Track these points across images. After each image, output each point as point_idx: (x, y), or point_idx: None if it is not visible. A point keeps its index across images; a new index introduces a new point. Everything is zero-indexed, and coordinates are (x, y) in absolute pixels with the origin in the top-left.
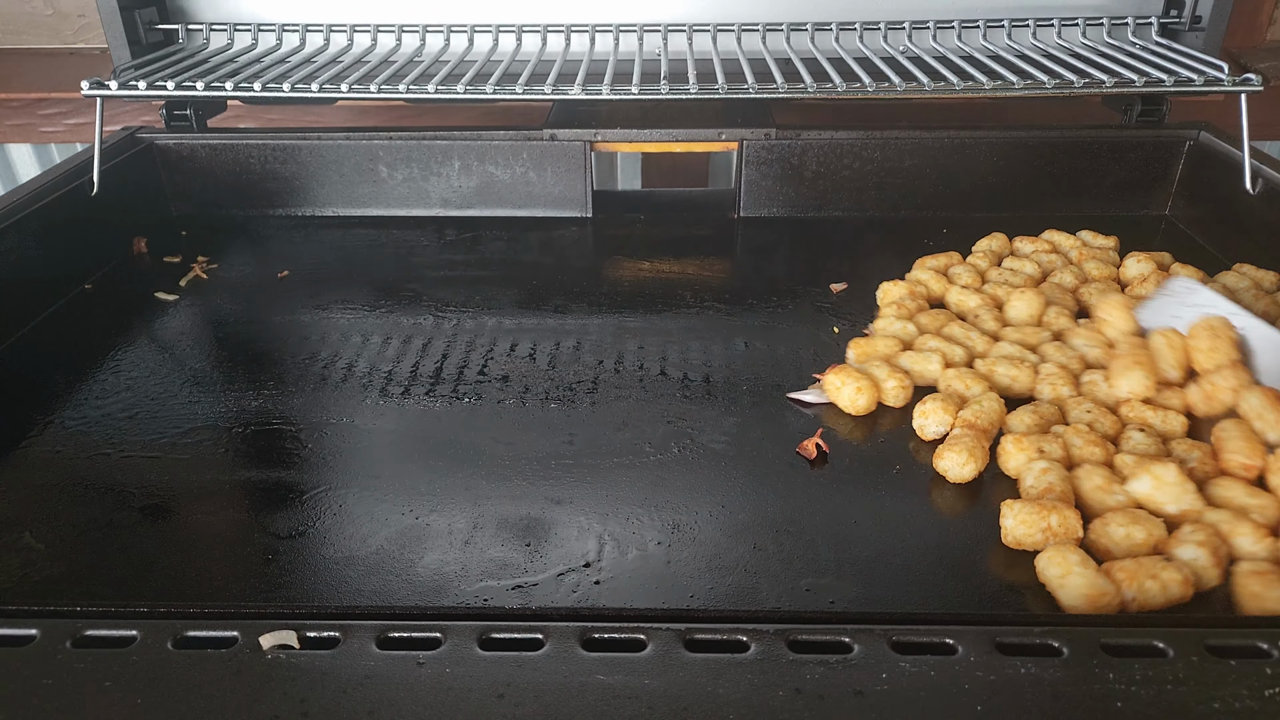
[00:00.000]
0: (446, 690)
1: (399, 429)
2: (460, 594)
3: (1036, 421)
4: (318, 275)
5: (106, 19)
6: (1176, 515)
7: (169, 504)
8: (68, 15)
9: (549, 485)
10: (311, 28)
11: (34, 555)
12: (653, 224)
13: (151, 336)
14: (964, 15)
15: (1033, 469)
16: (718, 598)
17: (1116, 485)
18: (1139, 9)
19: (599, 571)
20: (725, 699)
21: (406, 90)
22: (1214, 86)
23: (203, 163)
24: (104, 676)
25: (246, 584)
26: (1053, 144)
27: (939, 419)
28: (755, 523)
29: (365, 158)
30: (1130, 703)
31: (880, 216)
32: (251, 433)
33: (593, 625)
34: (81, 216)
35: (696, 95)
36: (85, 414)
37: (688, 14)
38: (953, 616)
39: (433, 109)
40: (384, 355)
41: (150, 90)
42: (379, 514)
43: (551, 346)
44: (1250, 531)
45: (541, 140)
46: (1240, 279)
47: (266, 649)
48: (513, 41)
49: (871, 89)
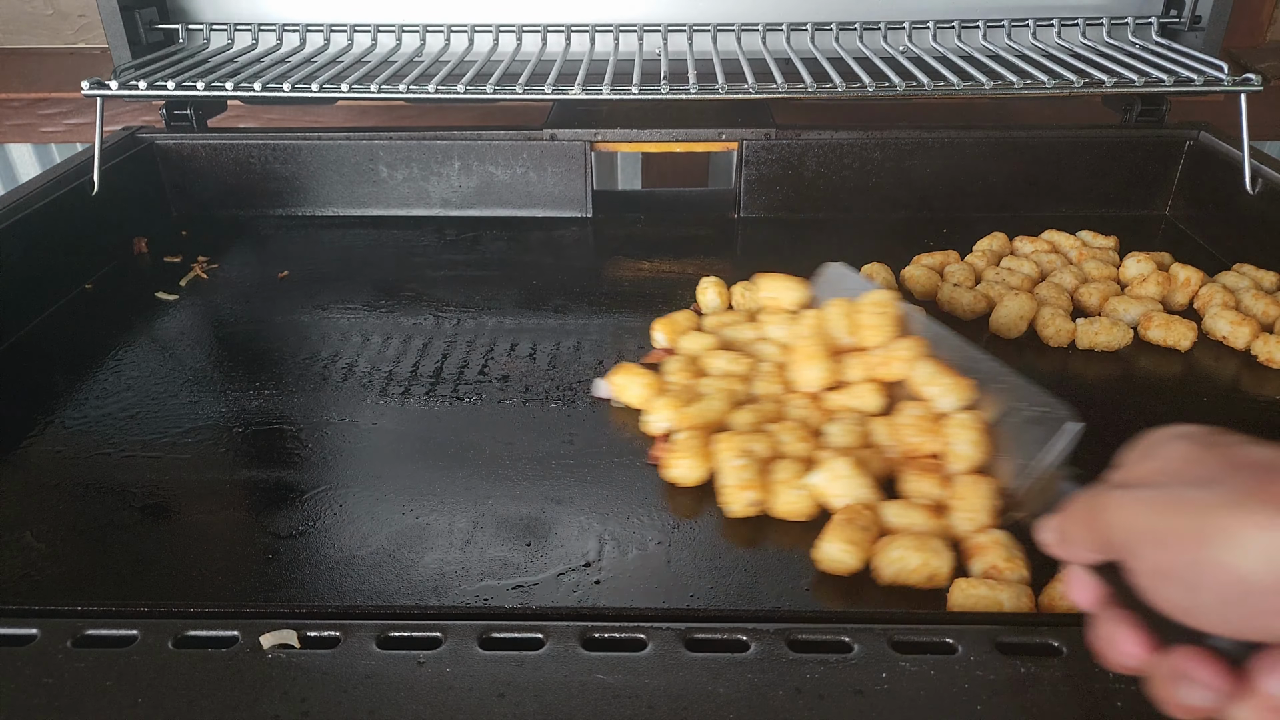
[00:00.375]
0: (447, 690)
1: (399, 429)
2: (460, 594)
3: (753, 419)
4: (318, 275)
5: (106, 19)
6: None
7: (169, 504)
8: (68, 15)
9: (549, 485)
10: (312, 28)
11: (34, 555)
12: (653, 224)
13: (151, 336)
14: (964, 15)
15: (729, 467)
16: (718, 598)
17: (799, 479)
18: (1139, 9)
19: (599, 571)
20: (725, 699)
21: (406, 90)
22: (1214, 86)
23: (203, 163)
24: (104, 676)
25: (246, 584)
26: (1053, 144)
27: (663, 415)
28: (755, 521)
29: (365, 158)
30: (1130, 702)
31: (880, 217)
32: (251, 432)
33: (593, 625)
34: (81, 216)
35: (696, 95)
36: (85, 414)
37: (688, 14)
38: (952, 616)
39: (433, 109)
40: (384, 355)
41: (150, 90)
42: (379, 514)
43: (552, 346)
44: (920, 518)
45: (541, 140)
46: (1240, 279)
47: (266, 649)
48: (513, 41)
49: (871, 89)
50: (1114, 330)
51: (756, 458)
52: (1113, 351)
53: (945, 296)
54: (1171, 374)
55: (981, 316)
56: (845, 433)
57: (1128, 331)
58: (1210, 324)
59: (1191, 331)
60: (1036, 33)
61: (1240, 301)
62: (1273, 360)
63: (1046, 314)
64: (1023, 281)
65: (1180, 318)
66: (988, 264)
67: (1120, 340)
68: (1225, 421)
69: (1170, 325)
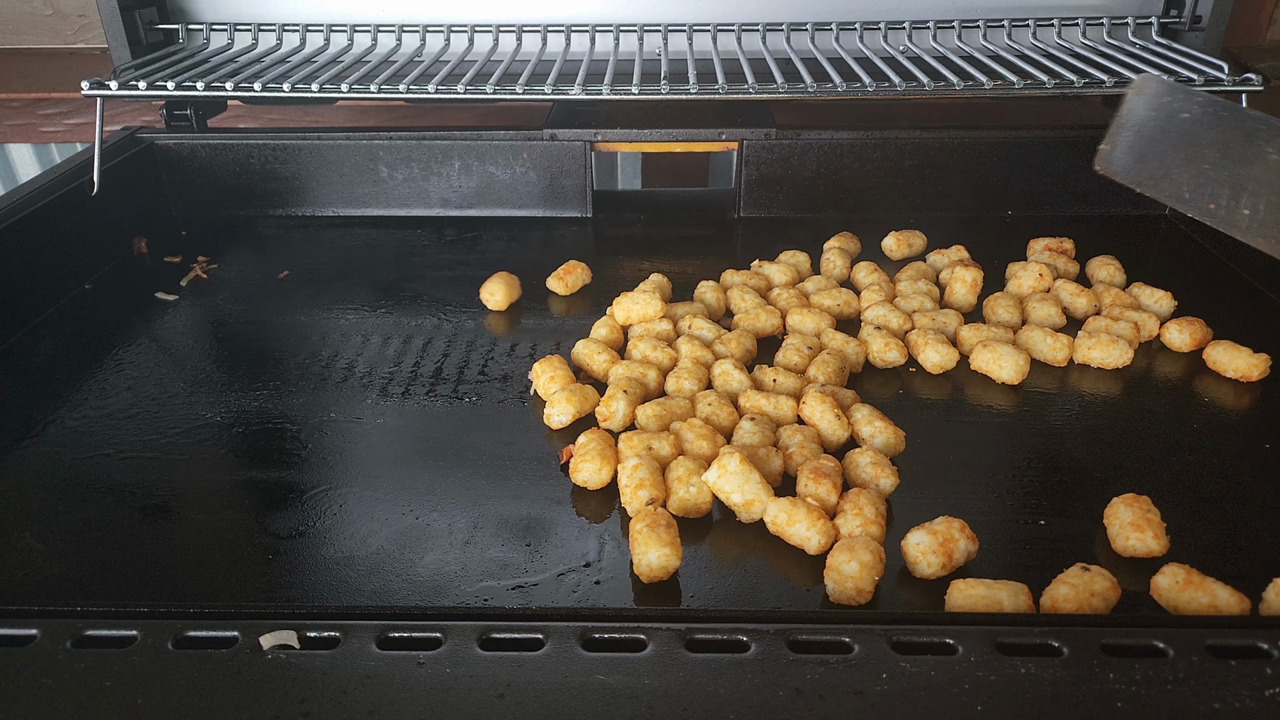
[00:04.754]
0: (447, 690)
1: (399, 429)
2: (460, 594)
3: (658, 415)
4: (318, 275)
5: (106, 19)
6: (740, 504)
7: (169, 504)
8: (68, 15)
9: (549, 485)
10: (312, 28)
11: (34, 555)
12: (653, 224)
13: (151, 336)
14: (964, 15)
15: (626, 467)
16: (718, 598)
17: (695, 477)
18: (1139, 9)
19: (599, 571)
20: (725, 699)
21: (406, 90)
22: (1214, 86)
23: (203, 163)
24: (104, 676)
25: (246, 584)
26: (1053, 144)
27: (563, 409)
28: (756, 523)
29: (365, 158)
30: (1130, 703)
31: (880, 217)
32: (251, 432)
33: (593, 625)
34: (81, 216)
35: (696, 95)
36: (85, 414)
37: (688, 14)
38: (952, 617)
39: (433, 109)
40: (384, 355)
41: (150, 90)
42: (379, 514)
43: (552, 347)
44: (804, 518)
45: (541, 140)
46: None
47: (266, 649)
48: (513, 41)
49: (871, 89)
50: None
51: (656, 456)
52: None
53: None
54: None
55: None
56: (755, 432)
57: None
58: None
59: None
60: (1036, 33)
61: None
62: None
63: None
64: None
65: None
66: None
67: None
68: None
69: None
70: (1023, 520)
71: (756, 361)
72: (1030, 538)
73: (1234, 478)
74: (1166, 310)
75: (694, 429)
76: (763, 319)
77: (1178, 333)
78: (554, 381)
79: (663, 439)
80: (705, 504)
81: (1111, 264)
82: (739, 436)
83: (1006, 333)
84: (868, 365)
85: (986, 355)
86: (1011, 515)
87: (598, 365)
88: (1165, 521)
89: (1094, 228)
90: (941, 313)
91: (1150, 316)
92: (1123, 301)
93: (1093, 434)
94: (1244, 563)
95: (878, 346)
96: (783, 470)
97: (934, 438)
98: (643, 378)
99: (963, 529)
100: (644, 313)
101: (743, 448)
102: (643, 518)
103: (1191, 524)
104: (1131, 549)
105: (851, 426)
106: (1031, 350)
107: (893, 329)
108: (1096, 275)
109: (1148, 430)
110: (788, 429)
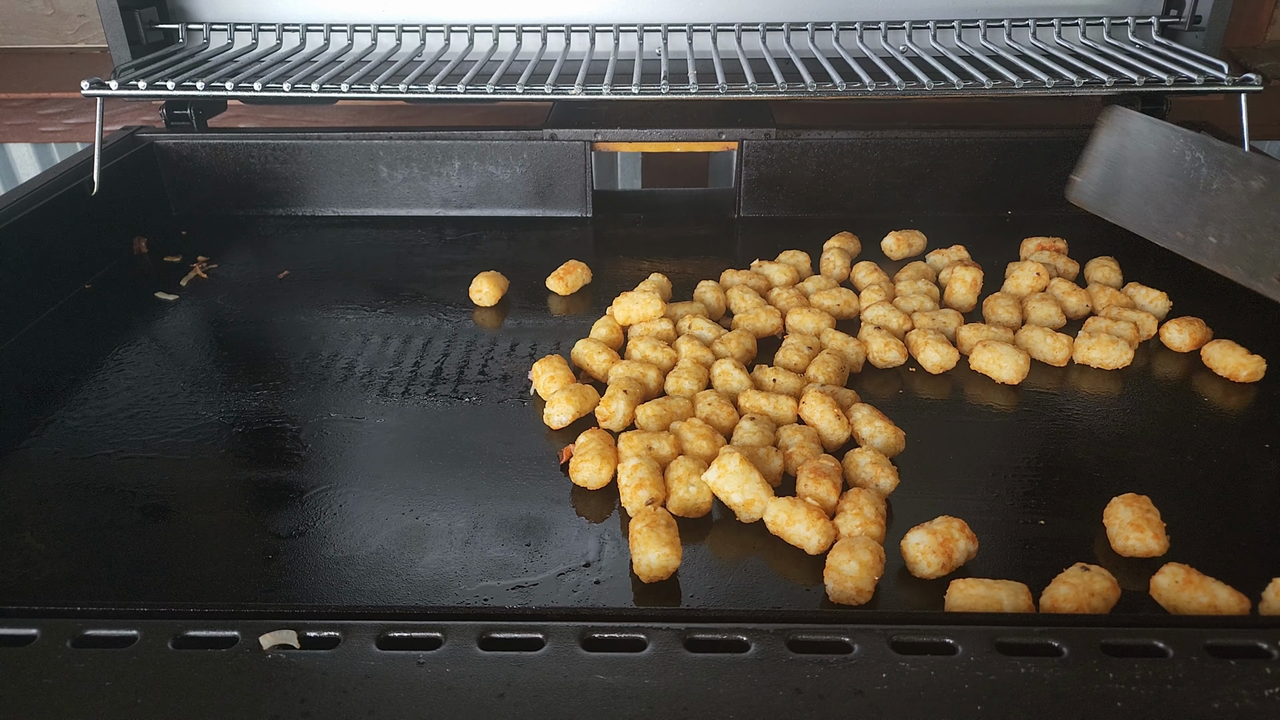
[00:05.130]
0: (447, 690)
1: (399, 428)
2: (460, 594)
3: (658, 415)
4: (318, 275)
5: (106, 19)
6: (740, 504)
7: (169, 504)
8: (68, 15)
9: (549, 485)
10: (312, 27)
11: (34, 555)
12: (653, 224)
13: (151, 336)
14: (964, 15)
15: (626, 467)
16: (718, 597)
17: (695, 476)
18: (1139, 9)
19: (599, 571)
20: (725, 699)
21: (406, 90)
22: (1214, 86)
23: (203, 163)
24: (104, 676)
25: (246, 584)
26: (1053, 144)
27: (563, 409)
28: (756, 523)
29: (365, 158)
30: (1130, 703)
31: (880, 217)
32: (251, 432)
33: (593, 625)
34: (81, 216)
35: (696, 95)
36: (85, 414)
37: (688, 14)
38: (952, 616)
39: (433, 109)
40: (384, 355)
41: (150, 90)
42: (379, 514)
43: (552, 346)
44: (804, 518)
45: (541, 140)
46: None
47: (266, 649)
48: (513, 41)
49: (871, 89)
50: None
51: (656, 456)
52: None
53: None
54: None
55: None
56: (754, 431)
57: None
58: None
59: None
60: (1036, 33)
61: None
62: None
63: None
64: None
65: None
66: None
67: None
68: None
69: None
70: (1022, 520)
71: (756, 361)
72: (1030, 538)
73: (1234, 478)
74: (1162, 310)
75: (694, 429)
76: (763, 319)
77: (1178, 332)
78: (554, 381)
79: (663, 439)
80: (705, 504)
81: (1109, 264)
82: (739, 436)
83: (1006, 333)
84: (868, 365)
85: (986, 355)
86: (1011, 515)
87: (598, 365)
88: (1165, 521)
89: (1094, 228)
90: (941, 313)
91: (1148, 316)
92: (1118, 301)
93: (1093, 434)
94: (1244, 563)
95: (878, 346)
96: (783, 470)
97: (934, 438)
98: (643, 378)
99: (962, 529)
100: (644, 313)
101: (743, 448)
102: (642, 517)
103: (1191, 524)
104: (1131, 549)
105: (851, 426)
106: (1031, 350)
107: (893, 329)
108: (1093, 276)
109: (1147, 430)
110: (787, 429)
